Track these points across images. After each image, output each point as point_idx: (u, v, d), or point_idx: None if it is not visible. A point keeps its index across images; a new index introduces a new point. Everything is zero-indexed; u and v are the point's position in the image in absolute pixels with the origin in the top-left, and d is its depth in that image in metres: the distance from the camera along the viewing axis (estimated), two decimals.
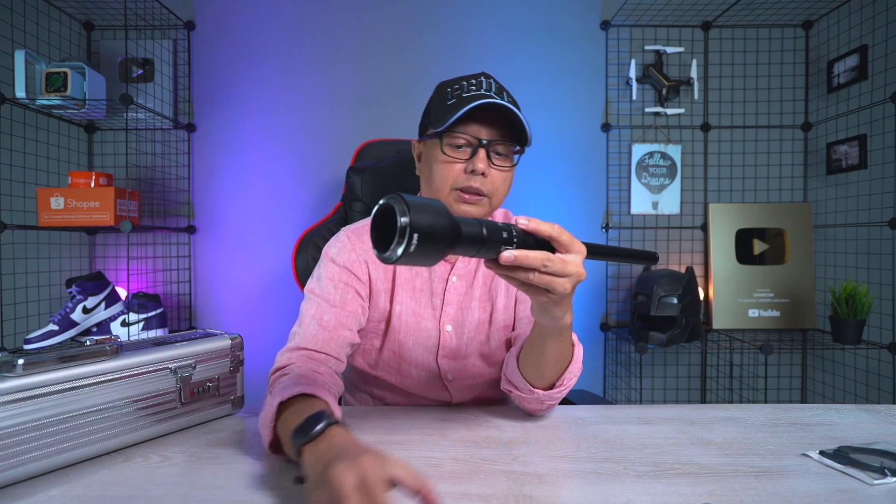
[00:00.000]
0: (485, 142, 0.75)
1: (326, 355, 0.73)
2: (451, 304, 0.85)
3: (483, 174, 0.75)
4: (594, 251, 0.57)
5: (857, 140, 1.62)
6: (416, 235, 0.41)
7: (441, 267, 0.86)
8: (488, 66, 1.80)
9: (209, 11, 1.80)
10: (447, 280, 0.85)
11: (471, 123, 0.76)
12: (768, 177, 1.84)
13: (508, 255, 0.49)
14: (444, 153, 0.77)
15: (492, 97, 0.73)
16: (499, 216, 0.94)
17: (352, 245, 0.83)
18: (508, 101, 0.75)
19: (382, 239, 0.43)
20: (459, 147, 0.77)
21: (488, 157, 0.76)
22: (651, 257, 0.66)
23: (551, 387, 0.71)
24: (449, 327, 0.84)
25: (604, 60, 1.82)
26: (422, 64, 1.80)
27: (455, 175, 0.77)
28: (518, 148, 0.79)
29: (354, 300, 0.80)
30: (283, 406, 0.59)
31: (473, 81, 0.78)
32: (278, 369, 0.70)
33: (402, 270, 0.85)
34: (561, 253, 0.53)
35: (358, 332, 0.81)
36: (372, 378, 0.87)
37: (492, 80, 0.79)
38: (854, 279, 1.62)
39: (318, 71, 1.80)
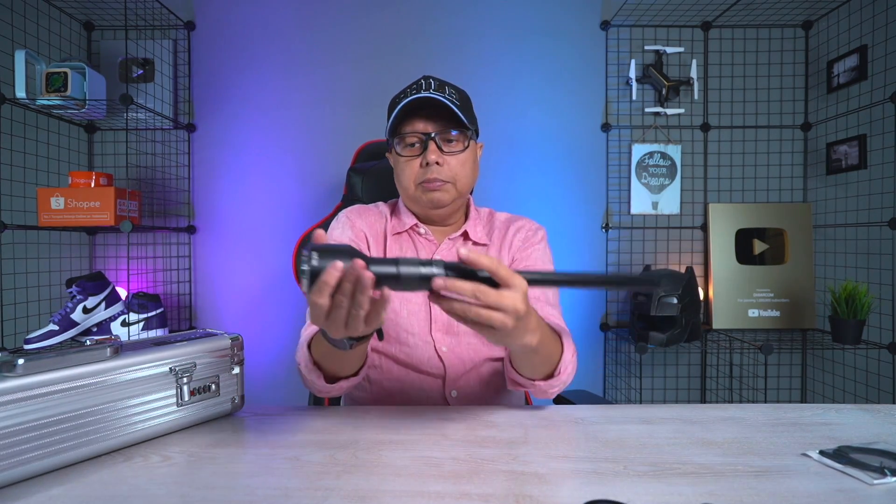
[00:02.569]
0: (431, 135, 0.84)
1: None
2: None
3: (438, 163, 0.84)
4: (539, 280, 0.56)
5: (856, 140, 1.62)
6: (312, 273, 0.49)
7: (426, 248, 0.93)
8: (488, 67, 1.80)
9: (209, 11, 1.80)
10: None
11: (416, 122, 0.85)
12: (768, 177, 1.84)
13: (439, 282, 0.51)
14: (399, 154, 0.87)
15: (429, 94, 0.82)
16: (484, 212, 1.00)
17: (351, 223, 0.92)
18: (449, 94, 0.84)
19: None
20: (412, 145, 0.87)
21: (439, 147, 0.85)
22: (650, 283, 0.57)
23: (550, 376, 0.76)
24: None
25: (604, 60, 1.82)
26: (422, 64, 1.80)
27: (415, 171, 0.87)
28: (469, 132, 0.87)
29: None
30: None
31: (414, 85, 0.87)
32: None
33: (392, 246, 0.92)
34: (501, 288, 0.53)
35: None
36: (372, 353, 0.89)
37: (431, 80, 0.87)
38: (854, 279, 1.62)
39: (319, 71, 1.80)
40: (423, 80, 0.87)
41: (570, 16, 1.81)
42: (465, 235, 0.94)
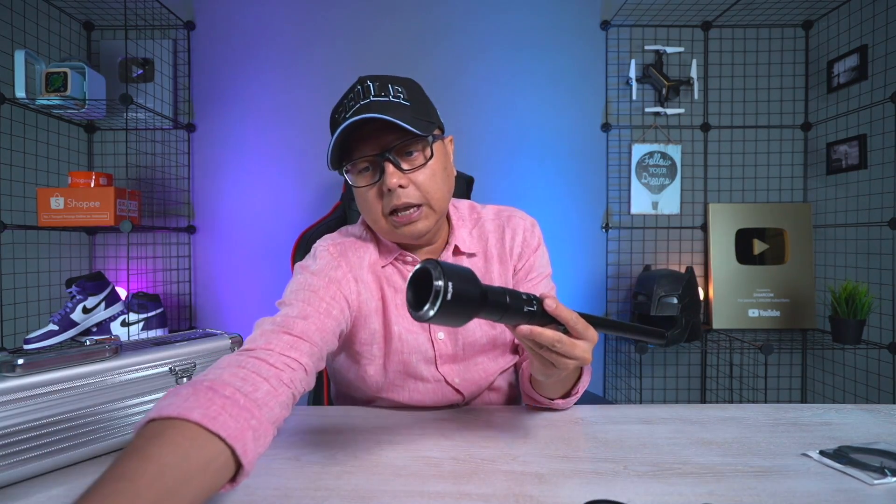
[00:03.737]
0: (385, 154, 0.68)
1: (295, 360, 0.60)
2: None
3: (402, 186, 0.68)
4: (603, 325, 0.61)
5: (856, 140, 1.62)
6: (448, 297, 0.46)
7: None
8: (488, 68, 1.80)
9: (209, 11, 1.80)
10: None
11: (362, 143, 0.69)
12: (768, 177, 1.84)
13: (525, 329, 0.54)
14: (354, 185, 0.72)
15: (370, 114, 0.65)
16: (464, 208, 0.88)
17: (337, 263, 0.75)
18: (396, 95, 0.69)
19: (416, 299, 0.49)
20: (366, 170, 0.71)
21: (398, 166, 0.69)
22: (658, 335, 0.68)
23: (567, 395, 0.76)
24: (441, 335, 0.81)
25: (604, 60, 1.82)
26: (421, 65, 1.80)
27: (378, 201, 0.71)
28: (429, 137, 0.70)
29: (341, 314, 0.71)
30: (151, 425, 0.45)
31: (351, 95, 0.70)
32: (246, 350, 0.59)
33: (382, 284, 0.79)
34: (574, 337, 0.57)
35: (353, 355, 0.80)
36: (383, 402, 0.84)
37: (369, 82, 0.70)
38: (854, 279, 1.62)
39: (318, 70, 1.80)
40: (359, 87, 0.70)
41: (570, 16, 1.81)
42: (456, 249, 0.81)
